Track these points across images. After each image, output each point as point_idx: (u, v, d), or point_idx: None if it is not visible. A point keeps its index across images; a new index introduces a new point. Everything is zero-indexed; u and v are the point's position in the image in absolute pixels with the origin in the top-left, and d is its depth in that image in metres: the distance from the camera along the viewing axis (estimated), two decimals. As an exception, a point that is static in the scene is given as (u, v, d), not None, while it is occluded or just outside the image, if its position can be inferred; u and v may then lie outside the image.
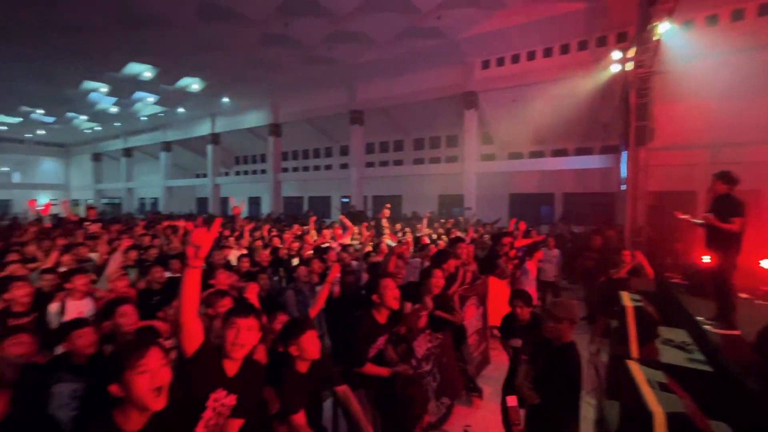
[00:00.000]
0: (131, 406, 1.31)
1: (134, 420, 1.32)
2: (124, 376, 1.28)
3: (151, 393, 1.29)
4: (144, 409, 1.32)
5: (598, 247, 6.21)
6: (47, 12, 9.17)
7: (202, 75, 14.34)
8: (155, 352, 1.35)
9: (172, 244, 6.22)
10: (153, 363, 1.32)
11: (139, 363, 1.29)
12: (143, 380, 1.28)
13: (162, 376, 1.33)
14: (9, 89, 15.67)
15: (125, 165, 24.50)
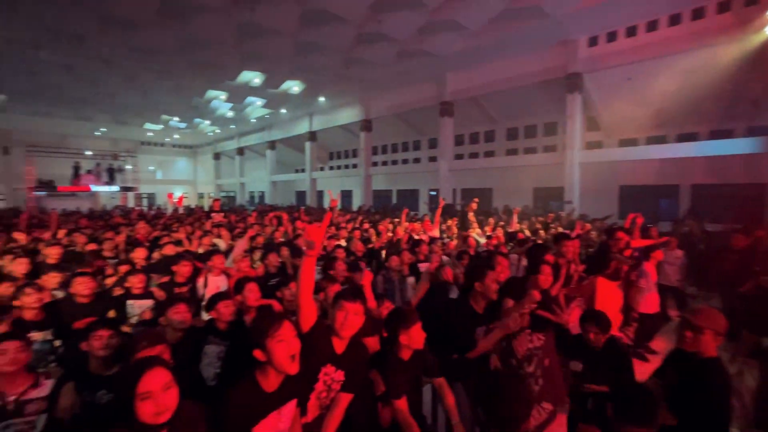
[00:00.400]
0: (271, 369, 1.54)
1: (272, 381, 1.55)
2: (265, 343, 1.50)
3: (288, 359, 1.51)
4: (281, 372, 1.54)
5: (742, 249, 5.15)
6: (181, 33, 10.78)
7: (302, 77, 15.48)
8: (288, 324, 1.57)
9: (276, 232, 6.91)
10: (287, 334, 1.54)
11: (277, 333, 1.51)
12: (281, 348, 1.50)
13: (295, 345, 1.54)
14: (154, 102, 18.92)
15: (239, 162, 27.82)
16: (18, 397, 1.81)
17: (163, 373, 1.29)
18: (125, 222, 8.84)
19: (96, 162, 21.85)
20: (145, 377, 1.24)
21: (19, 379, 1.85)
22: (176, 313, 2.38)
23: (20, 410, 1.80)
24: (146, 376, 1.24)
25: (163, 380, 1.27)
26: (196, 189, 32.61)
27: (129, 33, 10.72)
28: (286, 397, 1.61)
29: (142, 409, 1.22)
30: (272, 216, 8.82)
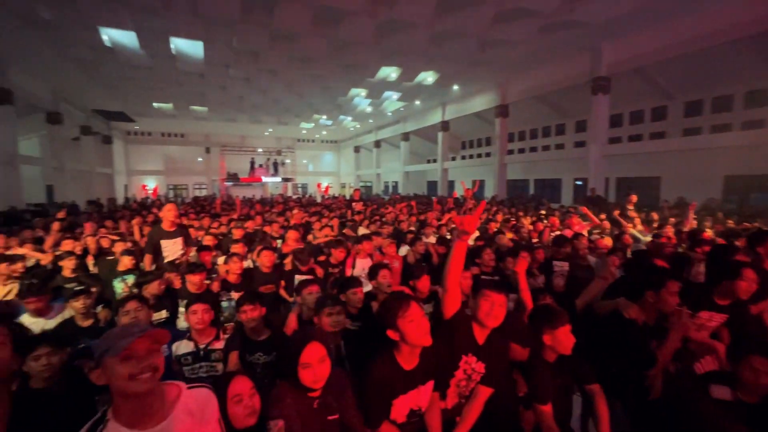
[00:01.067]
0: (405, 346, 1.63)
1: (408, 359, 1.65)
2: (396, 324, 1.59)
3: (420, 334, 1.59)
4: (415, 347, 1.63)
5: None
6: (331, 38, 11.96)
7: (436, 68, 15.48)
8: (415, 305, 1.64)
9: (404, 223, 7.15)
10: (416, 314, 1.61)
11: (407, 313, 1.59)
12: (412, 327, 1.58)
13: (425, 324, 1.61)
14: (307, 104, 21.64)
15: (375, 154, 29.78)
16: (206, 346, 2.34)
17: (319, 348, 1.51)
18: (286, 208, 10.47)
19: (266, 157, 26.41)
20: (306, 350, 1.47)
21: (206, 333, 2.37)
22: (309, 293, 2.67)
23: (208, 356, 2.32)
24: (306, 349, 1.48)
25: (319, 354, 1.49)
26: (339, 179, 36.31)
27: (291, 45, 12.43)
28: (424, 378, 1.66)
29: (302, 375, 1.47)
30: (404, 205, 9.19)
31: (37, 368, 1.81)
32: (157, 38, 11.77)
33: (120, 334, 1.11)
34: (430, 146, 26.23)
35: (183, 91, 18.53)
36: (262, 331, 2.44)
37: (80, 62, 14.02)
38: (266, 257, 3.65)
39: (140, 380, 1.07)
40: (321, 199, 15.58)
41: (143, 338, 1.09)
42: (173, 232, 4.17)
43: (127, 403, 1.10)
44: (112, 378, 1.07)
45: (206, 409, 1.24)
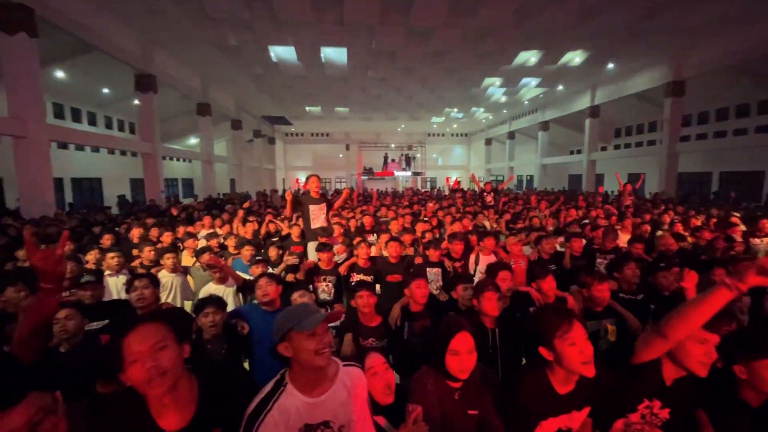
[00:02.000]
0: (559, 369, 1.42)
1: (563, 381, 1.44)
2: (553, 342, 1.39)
3: (581, 364, 1.35)
4: (573, 374, 1.41)
5: None
6: (467, 28, 11.65)
7: (585, 45, 13.59)
8: (578, 326, 1.39)
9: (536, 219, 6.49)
10: (578, 336, 1.36)
11: (567, 335, 1.36)
12: (572, 351, 1.35)
13: (588, 350, 1.36)
14: (439, 98, 21.68)
15: (508, 146, 28.04)
16: None
17: (469, 338, 1.49)
18: (416, 201, 10.76)
19: (399, 153, 27.62)
20: (456, 337, 1.47)
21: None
22: (417, 287, 2.64)
23: None
24: (457, 336, 1.47)
25: (468, 344, 1.48)
26: (468, 173, 35.51)
27: (426, 41, 12.59)
28: (580, 404, 1.45)
29: (450, 361, 1.46)
30: (544, 203, 8.39)
31: (206, 324, 2.28)
32: (310, 49, 13.37)
33: (303, 312, 1.28)
34: (573, 135, 23.35)
35: (329, 95, 20.71)
36: (374, 317, 2.58)
37: (255, 77, 16.98)
38: (393, 248, 3.80)
39: (323, 355, 1.23)
40: (449, 192, 15.43)
41: (325, 321, 1.26)
42: (318, 199, 4.83)
43: (305, 373, 1.26)
44: (299, 351, 1.23)
45: (358, 386, 1.36)
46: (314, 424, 1.25)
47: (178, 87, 15.09)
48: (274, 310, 2.52)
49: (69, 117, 16.24)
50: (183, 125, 21.11)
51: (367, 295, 2.53)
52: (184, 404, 1.19)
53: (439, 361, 1.47)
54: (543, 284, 2.71)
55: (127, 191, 19.85)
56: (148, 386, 1.08)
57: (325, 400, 1.27)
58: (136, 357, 1.08)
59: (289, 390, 1.25)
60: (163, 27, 11.41)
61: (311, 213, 4.78)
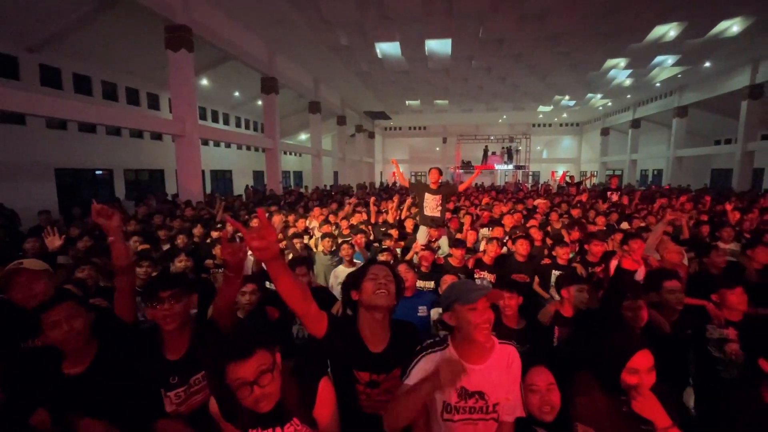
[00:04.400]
0: None
1: None
2: None
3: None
4: None
5: None
6: (588, 6, 10.45)
7: (747, 11, 11.09)
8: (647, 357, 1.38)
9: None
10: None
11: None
12: None
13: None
14: (550, 84, 19.94)
15: (631, 136, 24.57)
16: None
17: (650, 357, 1.39)
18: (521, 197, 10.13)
19: (500, 145, 26.30)
20: (637, 356, 1.37)
21: None
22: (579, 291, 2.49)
23: None
24: (638, 355, 1.38)
25: (649, 363, 1.39)
26: (579, 167, 32.21)
27: (541, 24, 11.66)
28: None
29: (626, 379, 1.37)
30: (684, 199, 7.12)
31: (243, 301, 2.50)
32: (415, 44, 13.44)
33: (468, 287, 1.36)
34: (721, 122, 19.42)
35: (430, 88, 20.63)
36: (519, 320, 2.48)
37: (360, 74, 17.76)
38: (522, 246, 3.62)
39: (483, 330, 1.30)
40: (557, 188, 14.15)
41: (486, 297, 1.32)
42: (435, 189, 4.99)
43: (466, 342, 1.36)
44: (461, 322, 1.33)
45: (512, 364, 1.41)
46: (470, 390, 1.36)
47: (295, 87, 16.59)
48: (409, 296, 2.66)
49: (209, 118, 19.12)
50: (296, 122, 23.20)
51: (508, 296, 2.45)
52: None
53: (614, 376, 1.39)
54: (731, 296, 2.28)
55: (251, 182, 22.70)
56: None
57: (482, 369, 1.36)
58: None
59: (448, 352, 1.37)
60: (285, 34, 12.63)
61: (425, 202, 4.99)
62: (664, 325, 2.36)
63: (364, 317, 1.53)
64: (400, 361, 1.46)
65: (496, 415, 1.38)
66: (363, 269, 1.60)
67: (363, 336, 1.53)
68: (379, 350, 1.52)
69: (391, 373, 1.50)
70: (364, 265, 1.66)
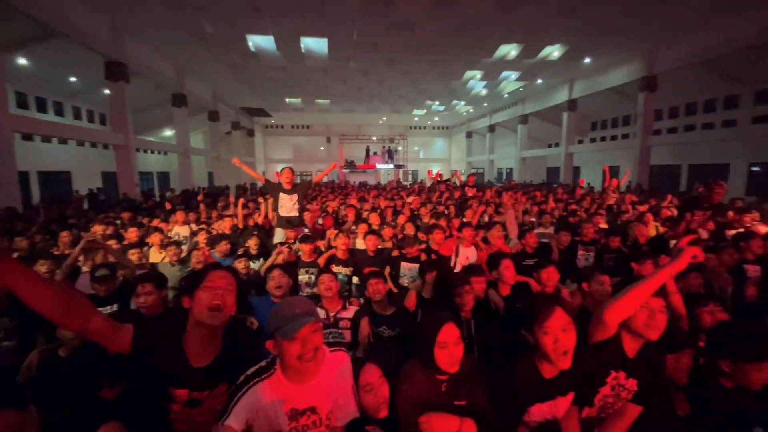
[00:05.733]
0: (543, 358, 1.46)
1: (549, 369, 1.48)
2: (533, 329, 1.45)
3: (555, 354, 1.39)
4: (552, 364, 1.44)
5: None
6: (449, 19, 11.63)
7: (564, 40, 13.82)
8: (558, 317, 1.42)
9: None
10: (555, 327, 1.41)
11: (544, 323, 1.41)
12: (546, 341, 1.41)
13: (564, 342, 1.39)
14: (420, 90, 21.67)
15: (489, 139, 28.39)
16: (335, 314, 2.55)
17: (455, 329, 1.46)
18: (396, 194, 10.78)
19: (381, 145, 27.51)
20: (444, 329, 1.44)
21: (334, 302, 2.59)
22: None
23: (336, 323, 2.54)
24: (444, 328, 1.44)
25: (455, 335, 1.45)
26: (450, 166, 35.80)
27: (408, 32, 12.51)
28: (564, 389, 1.49)
29: (438, 354, 1.43)
30: (520, 194, 8.55)
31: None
32: (290, 39, 13.08)
33: (288, 315, 1.24)
34: (551, 129, 23.83)
35: (310, 86, 20.39)
36: (387, 306, 2.65)
37: (232, 67, 16.52)
38: (370, 241, 3.89)
39: (306, 361, 1.22)
40: (431, 185, 15.51)
41: (309, 325, 1.23)
42: (290, 189, 4.92)
43: (293, 369, 1.27)
44: (283, 354, 1.24)
45: (344, 371, 1.40)
46: (301, 409, 1.29)
47: (152, 76, 14.53)
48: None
49: (34, 107, 15.41)
50: (158, 117, 20.34)
51: (376, 282, 2.60)
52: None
53: (428, 355, 1.45)
54: (543, 273, 2.77)
55: (99, 185, 19.06)
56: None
57: (312, 386, 1.30)
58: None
59: (275, 378, 1.28)
60: (134, 12, 10.92)
61: (281, 202, 4.91)
62: (499, 303, 2.74)
63: (192, 329, 1.37)
64: (229, 376, 1.34)
65: (329, 423, 1.35)
66: (201, 273, 1.43)
67: (186, 348, 1.36)
68: (204, 364, 1.37)
69: (216, 389, 1.37)
70: (204, 268, 1.48)
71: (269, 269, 2.72)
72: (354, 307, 2.59)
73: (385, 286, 2.63)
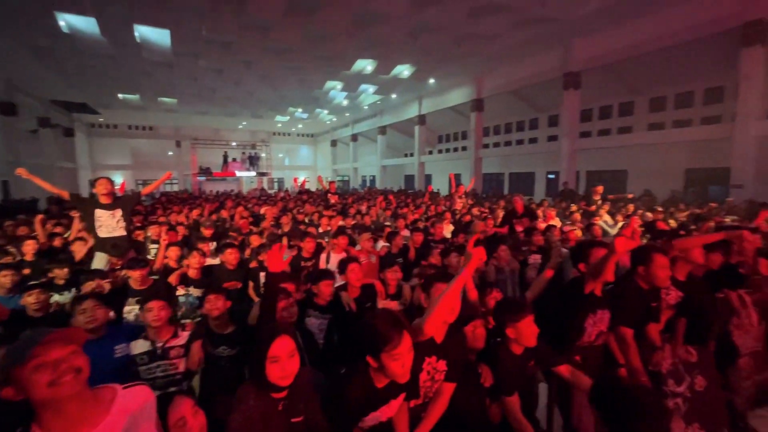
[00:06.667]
0: (379, 372, 1.49)
1: (381, 380, 1.53)
2: (380, 357, 1.43)
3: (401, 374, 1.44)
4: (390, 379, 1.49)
5: None
6: (306, 29, 11.70)
7: (412, 61, 15.44)
8: (407, 340, 1.45)
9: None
10: (405, 350, 1.44)
11: (394, 351, 1.41)
12: (396, 366, 1.43)
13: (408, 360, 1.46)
14: (282, 96, 21.20)
15: (352, 148, 29.54)
16: (163, 344, 2.24)
17: (289, 342, 1.42)
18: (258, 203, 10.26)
19: (241, 151, 25.70)
20: (275, 343, 1.39)
21: (163, 331, 2.26)
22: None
23: (165, 354, 2.23)
24: (276, 342, 1.39)
25: (289, 348, 1.41)
26: (316, 174, 35.89)
27: (264, 35, 12.09)
28: (395, 393, 1.60)
29: (270, 370, 1.37)
30: (380, 199, 9.19)
31: None
32: (120, 25, 11.17)
33: (23, 343, 1.01)
34: (407, 140, 26.24)
35: (151, 82, 17.77)
36: (227, 325, 2.47)
37: (36, 49, 13.17)
38: (230, 254, 3.59)
39: (61, 384, 0.99)
40: (297, 193, 15.31)
41: (51, 342, 1.01)
42: (109, 204, 4.03)
43: (52, 412, 1.01)
44: (30, 389, 0.98)
45: (144, 409, 1.19)
46: None
47: None
48: (99, 337, 2.16)
49: None
50: None
51: (215, 298, 2.42)
52: None
53: (260, 372, 1.38)
54: (389, 273, 2.98)
55: None
56: None
57: None
58: None
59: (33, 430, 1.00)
60: None
61: (99, 221, 3.96)
62: (351, 304, 2.85)
63: None
64: None
65: None
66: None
67: None
68: None
69: None
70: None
71: (76, 300, 2.23)
72: (187, 333, 2.32)
73: (225, 303, 2.45)
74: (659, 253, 2.27)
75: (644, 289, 2.38)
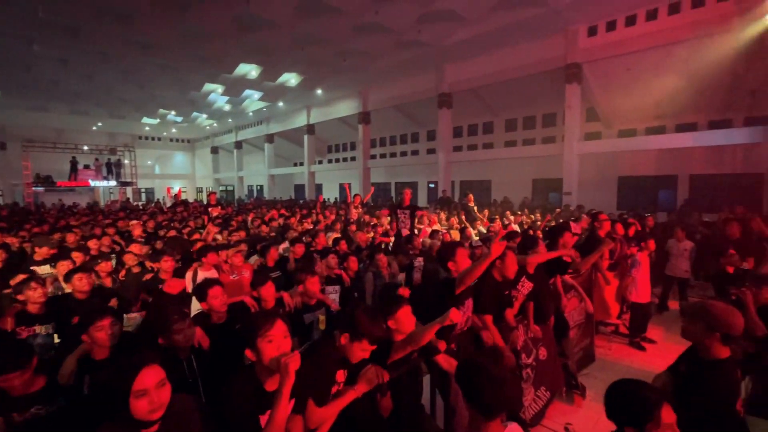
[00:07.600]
0: (265, 370, 1.50)
1: (270, 383, 1.50)
2: (255, 342, 1.47)
3: (277, 360, 1.43)
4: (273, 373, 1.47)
5: (736, 239, 5.14)
6: (178, 26, 10.67)
7: (299, 70, 15.35)
8: (280, 324, 1.51)
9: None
10: (278, 334, 1.49)
11: (267, 333, 1.47)
12: (270, 348, 1.46)
13: (285, 345, 1.49)
14: (151, 96, 18.78)
15: (236, 156, 27.68)
16: None
17: (158, 371, 1.28)
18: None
19: (95, 157, 21.66)
20: (141, 375, 1.24)
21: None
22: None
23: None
24: (142, 373, 1.24)
25: (158, 377, 1.27)
26: (194, 183, 32.51)
27: (125, 26, 10.61)
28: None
29: (136, 406, 1.22)
30: (274, 213, 8.89)
31: None
32: None
33: None
34: (296, 149, 25.77)
35: (-43, 66, 13.91)
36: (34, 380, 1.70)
37: None
38: (80, 280, 2.97)
39: None
40: (173, 204, 13.67)
41: None
42: None
43: None
44: None
45: None
46: None
47: None
48: None
49: None
50: None
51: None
52: None
53: (124, 411, 1.21)
54: (262, 291, 2.90)
55: None
56: None
57: None
58: None
59: None
60: None
61: None
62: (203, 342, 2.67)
63: None
64: None
65: None
66: None
67: None
68: None
69: None
70: None
71: None
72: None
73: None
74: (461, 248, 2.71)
75: (498, 280, 2.88)
